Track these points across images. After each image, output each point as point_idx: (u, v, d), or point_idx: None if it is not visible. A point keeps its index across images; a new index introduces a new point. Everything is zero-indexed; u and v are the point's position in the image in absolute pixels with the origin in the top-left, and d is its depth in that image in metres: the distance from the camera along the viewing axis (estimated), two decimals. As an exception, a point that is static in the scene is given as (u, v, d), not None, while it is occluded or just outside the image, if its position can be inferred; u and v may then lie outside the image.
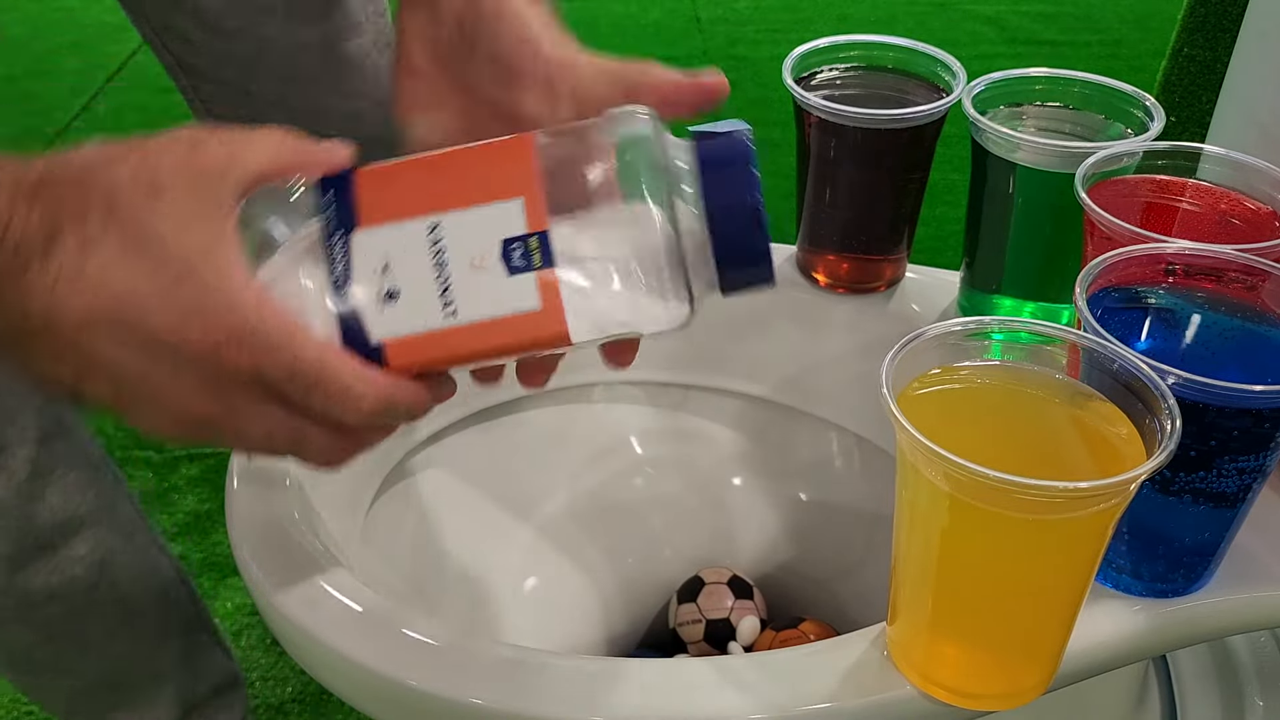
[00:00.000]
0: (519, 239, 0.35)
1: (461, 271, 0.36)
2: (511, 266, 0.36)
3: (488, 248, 0.35)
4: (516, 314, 0.36)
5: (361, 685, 0.45)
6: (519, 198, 0.36)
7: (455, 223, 0.36)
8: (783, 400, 0.70)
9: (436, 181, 0.36)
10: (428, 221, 0.36)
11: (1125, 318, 0.46)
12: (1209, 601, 0.46)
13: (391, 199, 0.36)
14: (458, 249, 0.36)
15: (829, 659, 0.44)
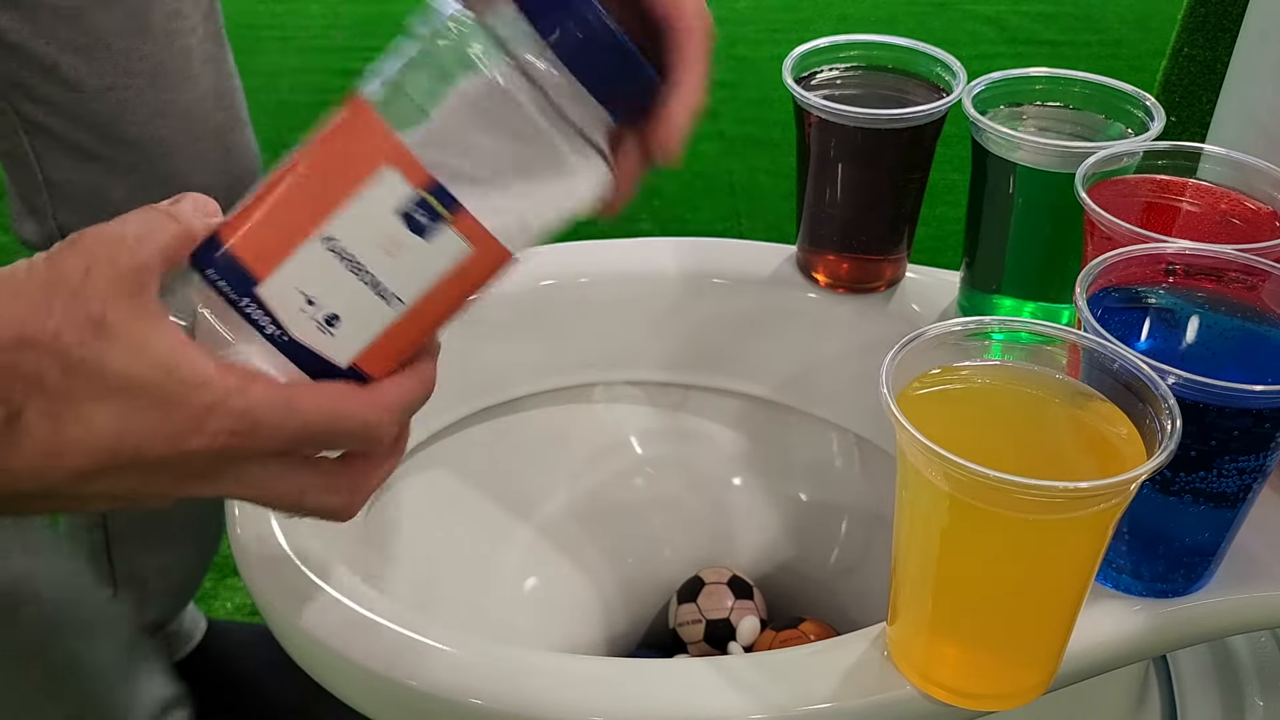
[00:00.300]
0: (414, 204, 0.34)
1: (381, 263, 0.35)
2: (422, 230, 0.35)
3: (390, 228, 0.35)
4: (456, 265, 0.35)
5: (361, 686, 0.45)
6: (389, 166, 0.34)
7: (344, 224, 0.35)
8: (783, 400, 0.70)
9: (300, 198, 0.35)
10: (318, 239, 0.35)
11: (1125, 318, 0.46)
12: (1209, 601, 0.46)
13: (270, 238, 0.35)
14: (363, 246, 0.35)
15: (829, 659, 0.44)
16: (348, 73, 2.10)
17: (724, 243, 0.70)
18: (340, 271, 0.35)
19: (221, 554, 1.15)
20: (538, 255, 0.68)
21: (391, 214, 0.34)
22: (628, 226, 1.65)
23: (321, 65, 2.12)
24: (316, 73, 2.09)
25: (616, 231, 1.93)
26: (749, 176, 1.77)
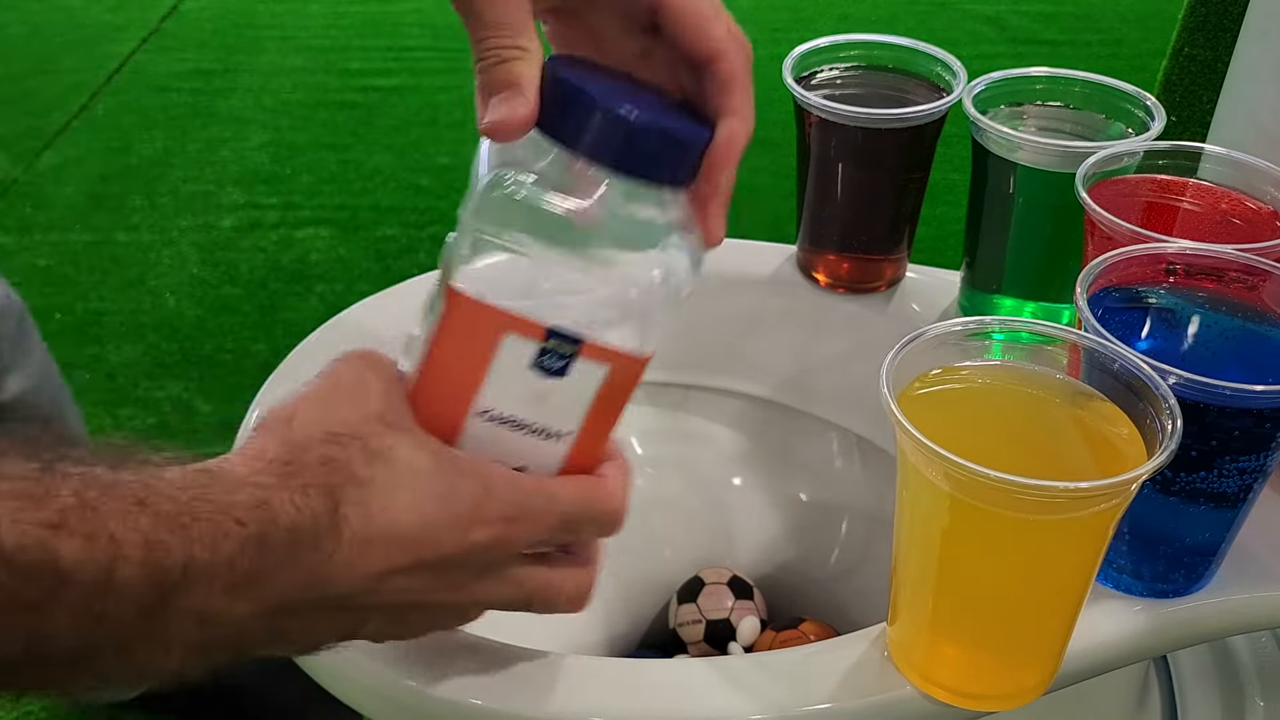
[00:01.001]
0: (541, 355, 0.37)
1: (538, 412, 0.38)
2: (559, 372, 0.37)
3: (532, 383, 0.37)
4: (602, 384, 0.38)
5: (361, 686, 0.45)
6: (505, 334, 0.36)
7: (490, 397, 0.37)
8: (783, 400, 0.70)
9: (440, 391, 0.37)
10: (475, 416, 0.37)
11: (1126, 318, 0.46)
12: (1210, 602, 0.46)
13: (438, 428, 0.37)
14: (516, 406, 0.37)
15: (829, 659, 0.44)
16: (348, 72, 2.10)
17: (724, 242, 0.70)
18: (506, 433, 0.38)
19: (221, 554, 1.14)
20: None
21: (527, 370, 0.37)
22: (627, 226, 1.65)
23: (322, 65, 2.12)
24: (317, 73, 2.09)
25: (616, 231, 1.90)
26: (749, 176, 1.76)
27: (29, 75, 2.06)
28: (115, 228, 1.65)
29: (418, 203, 1.72)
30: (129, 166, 1.79)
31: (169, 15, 2.30)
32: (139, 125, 1.91)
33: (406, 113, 1.95)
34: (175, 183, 1.76)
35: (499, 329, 0.36)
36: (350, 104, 1.98)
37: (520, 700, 0.42)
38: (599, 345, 0.37)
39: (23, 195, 1.72)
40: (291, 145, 1.85)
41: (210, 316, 1.45)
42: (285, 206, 1.70)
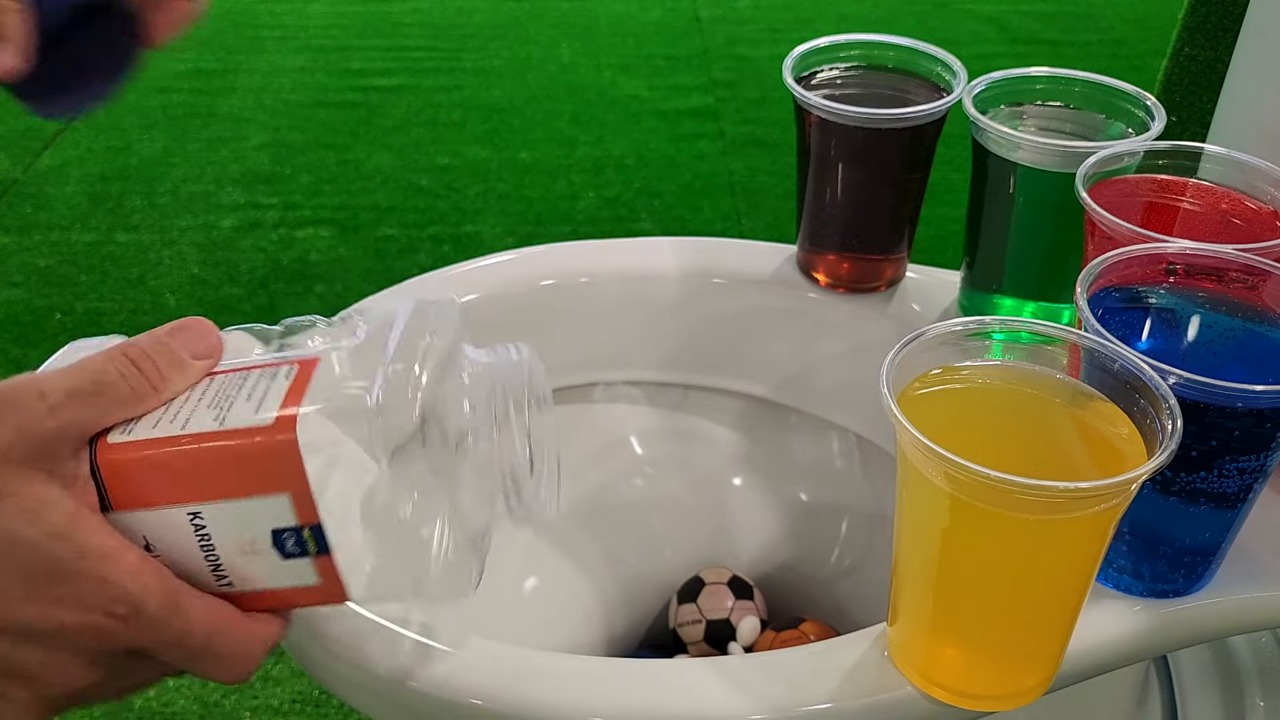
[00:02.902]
0: (290, 530, 0.34)
1: (231, 554, 0.35)
2: (285, 553, 0.35)
3: (257, 535, 0.34)
4: (295, 587, 0.35)
5: (361, 686, 0.45)
6: (284, 493, 0.34)
7: (218, 512, 0.34)
8: (783, 400, 0.70)
9: (194, 473, 0.34)
10: (187, 510, 0.34)
11: (1126, 318, 0.46)
12: (1210, 602, 0.46)
13: (143, 486, 0.34)
14: (224, 536, 0.34)
15: (829, 659, 0.44)
16: (348, 73, 2.10)
17: (724, 243, 0.70)
18: (190, 540, 0.34)
19: (221, 554, 1.15)
20: (538, 256, 0.68)
21: (265, 526, 0.34)
22: (628, 226, 1.66)
23: (322, 65, 2.12)
24: (316, 73, 2.09)
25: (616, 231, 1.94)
26: (749, 176, 1.77)
27: (29, 75, 2.06)
28: (115, 228, 1.65)
29: (417, 203, 1.72)
30: (129, 167, 1.80)
31: (169, 15, 2.29)
32: (139, 125, 1.91)
33: (406, 113, 1.95)
34: (175, 183, 1.76)
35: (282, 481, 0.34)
36: (350, 104, 1.98)
37: (520, 700, 0.42)
38: (333, 565, 0.35)
39: (23, 195, 1.72)
40: (291, 145, 1.85)
41: (210, 316, 1.44)
42: (285, 206, 1.70)
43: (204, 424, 0.34)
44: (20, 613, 0.32)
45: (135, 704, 1.01)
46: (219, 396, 0.35)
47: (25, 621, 0.32)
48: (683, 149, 1.85)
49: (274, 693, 1.01)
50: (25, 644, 0.32)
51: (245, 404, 0.34)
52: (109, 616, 0.32)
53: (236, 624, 0.35)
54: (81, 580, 0.32)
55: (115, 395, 0.34)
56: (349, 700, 0.47)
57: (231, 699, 1.01)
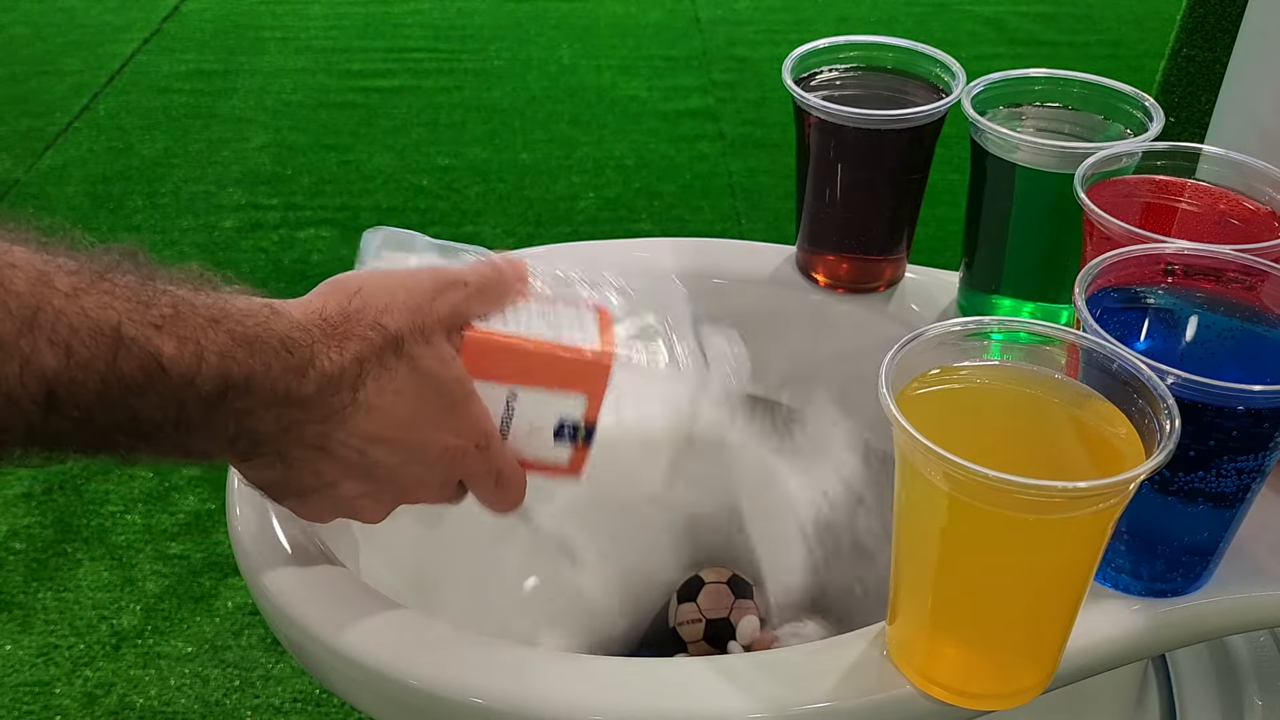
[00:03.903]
0: (573, 422, 0.46)
1: (520, 427, 0.46)
2: (559, 437, 0.46)
3: (547, 418, 0.46)
4: (546, 462, 0.47)
5: (362, 685, 0.45)
6: (584, 395, 0.46)
7: (530, 396, 0.45)
8: (783, 400, 0.70)
9: (530, 365, 0.45)
10: (510, 388, 0.45)
11: (1124, 318, 0.46)
12: (1208, 601, 0.46)
13: (488, 364, 0.44)
14: (524, 413, 0.46)
15: (829, 659, 0.44)
16: (349, 74, 2.10)
17: (724, 243, 0.70)
18: (498, 411, 0.45)
19: (222, 554, 1.15)
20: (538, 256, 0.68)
21: (554, 417, 0.46)
22: (628, 227, 1.66)
23: (323, 66, 2.12)
24: (317, 73, 2.10)
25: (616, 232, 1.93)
26: (749, 177, 1.77)
27: (31, 76, 2.06)
28: (117, 228, 1.65)
29: (418, 203, 1.72)
30: (130, 167, 1.80)
31: (170, 16, 2.30)
32: (140, 126, 1.91)
33: (407, 113, 1.95)
34: (177, 183, 1.76)
35: (586, 386, 0.45)
36: (351, 105, 1.98)
37: (520, 699, 0.42)
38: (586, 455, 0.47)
39: (25, 196, 1.72)
40: (292, 146, 1.85)
41: (211, 317, 1.45)
42: (286, 207, 1.70)
43: (544, 333, 0.45)
44: (427, 434, 0.43)
45: (137, 703, 1.01)
46: (546, 317, 0.46)
47: (425, 441, 0.43)
48: (682, 150, 1.85)
49: (275, 691, 1.01)
50: (415, 462, 0.43)
51: (570, 328, 0.46)
52: (473, 444, 0.44)
53: (520, 471, 0.47)
54: (465, 415, 0.44)
55: (492, 296, 0.45)
56: (349, 699, 0.47)
57: (233, 698, 1.01)
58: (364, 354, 0.41)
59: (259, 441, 0.40)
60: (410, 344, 0.42)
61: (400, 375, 0.42)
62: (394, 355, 0.42)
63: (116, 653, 1.05)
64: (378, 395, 0.41)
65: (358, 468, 0.43)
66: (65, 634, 1.06)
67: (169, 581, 1.12)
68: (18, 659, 1.04)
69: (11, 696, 1.01)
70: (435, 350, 0.43)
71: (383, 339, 0.41)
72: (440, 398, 0.43)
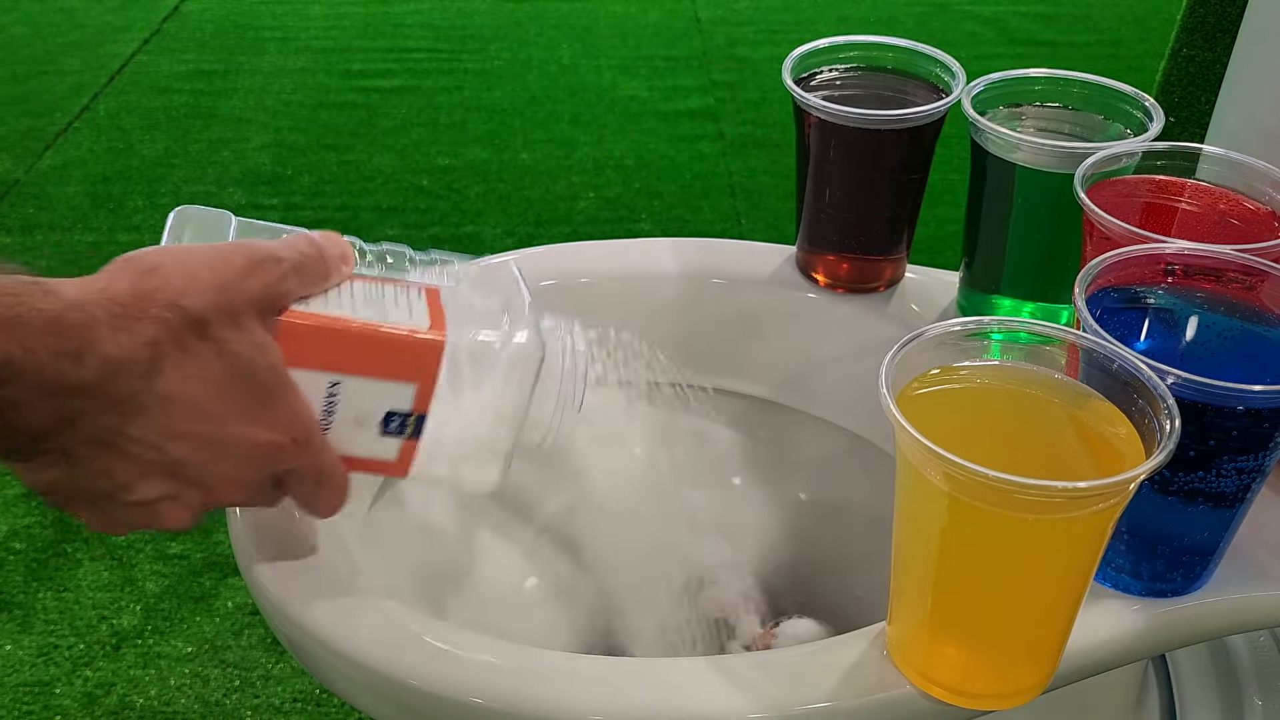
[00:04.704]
0: (401, 413, 0.43)
1: (343, 421, 0.42)
2: (387, 430, 0.43)
3: (373, 411, 0.42)
4: (373, 458, 0.44)
5: (362, 685, 0.45)
6: (413, 384, 0.42)
7: (354, 385, 0.42)
8: (783, 400, 0.70)
9: (353, 350, 0.41)
10: (331, 378, 0.41)
11: (1124, 318, 0.46)
12: (1208, 601, 0.46)
13: (307, 351, 0.41)
14: (348, 405, 0.42)
15: (829, 658, 0.44)
16: (349, 74, 2.10)
17: (724, 243, 0.70)
18: (319, 403, 0.42)
19: (223, 554, 1.15)
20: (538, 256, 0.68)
21: (381, 407, 0.42)
22: (628, 227, 1.66)
23: (323, 66, 2.12)
24: (318, 74, 2.10)
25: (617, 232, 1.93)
26: (749, 177, 1.77)
27: (31, 76, 2.06)
28: (117, 228, 1.65)
29: (419, 203, 1.72)
30: (131, 167, 1.80)
31: (170, 16, 2.30)
32: (141, 126, 1.91)
33: (407, 114, 1.95)
34: (177, 183, 1.76)
35: (417, 375, 0.42)
36: (351, 105, 1.98)
37: (520, 700, 0.43)
38: (414, 451, 0.44)
39: (25, 196, 1.72)
40: (293, 146, 1.85)
41: (211, 317, 1.45)
42: (286, 207, 1.70)
43: (369, 316, 0.42)
44: (234, 428, 0.39)
45: (137, 703, 1.01)
46: (371, 298, 0.43)
47: (235, 435, 0.39)
48: (682, 150, 1.85)
49: (275, 691, 1.01)
50: (223, 459, 0.39)
51: (397, 310, 0.42)
52: (290, 439, 0.40)
53: (343, 468, 0.43)
54: (282, 407, 0.40)
55: (311, 275, 0.41)
56: (350, 699, 0.47)
57: (233, 698, 1.01)
58: (159, 337, 0.37)
59: (35, 437, 0.36)
60: (216, 327, 0.38)
61: (205, 361, 0.38)
62: (197, 339, 0.38)
63: (116, 653, 1.05)
64: (178, 384, 0.37)
65: (156, 466, 0.38)
66: (65, 634, 1.06)
67: (169, 581, 1.12)
68: (18, 659, 1.04)
69: (12, 696, 1.01)
70: (246, 334, 0.39)
71: (182, 321, 0.37)
72: (252, 386, 0.39)
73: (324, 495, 0.43)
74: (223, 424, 0.39)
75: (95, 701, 1.00)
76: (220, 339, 0.38)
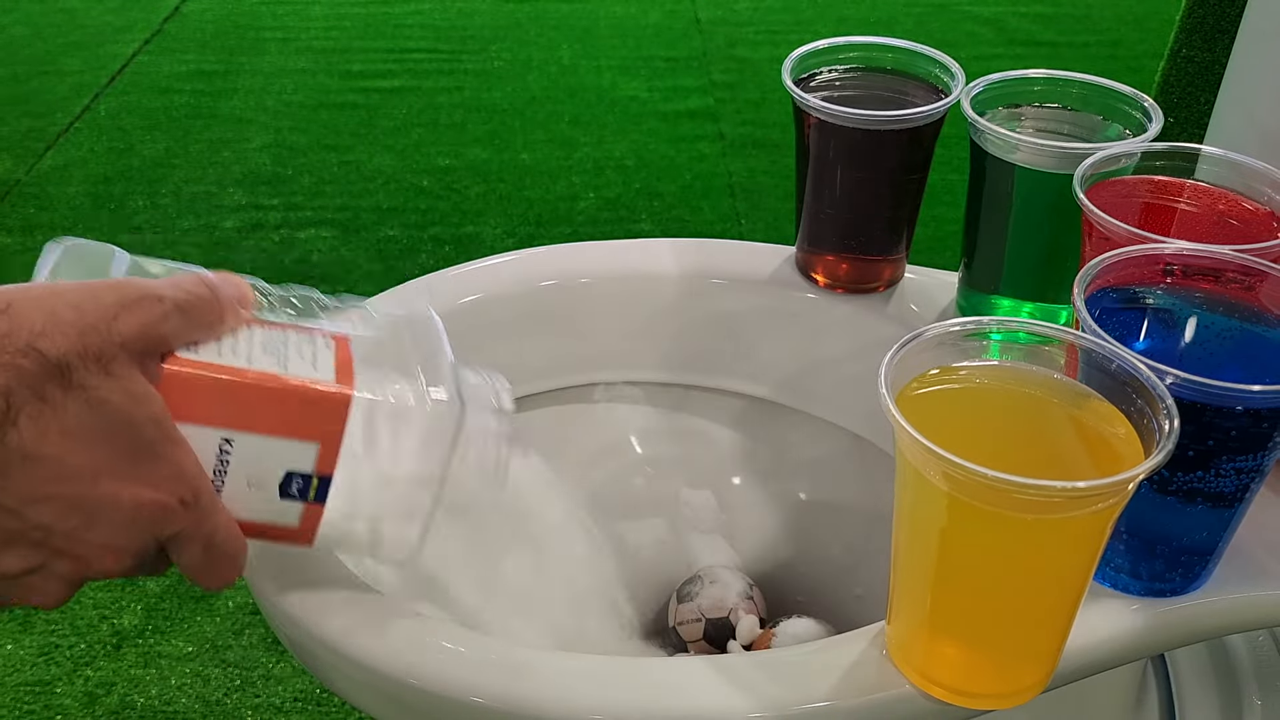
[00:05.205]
0: (302, 475, 0.39)
1: (236, 481, 0.38)
2: (285, 493, 0.39)
3: (271, 471, 0.38)
4: (272, 524, 0.40)
5: (362, 684, 0.45)
6: (315, 442, 0.38)
7: (248, 443, 0.38)
8: (783, 400, 0.70)
9: (247, 404, 0.37)
10: (223, 434, 0.37)
11: (1123, 318, 0.46)
12: (1207, 601, 0.46)
13: (195, 403, 0.37)
14: (241, 464, 0.38)
15: (828, 658, 0.44)
16: (349, 74, 2.10)
17: (724, 243, 0.71)
18: (208, 461, 0.38)
19: (222, 554, 1.15)
20: (539, 256, 0.69)
21: (280, 468, 0.38)
22: (628, 227, 1.66)
23: (323, 67, 2.13)
24: (318, 74, 2.10)
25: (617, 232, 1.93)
26: (749, 177, 1.77)
27: (31, 76, 2.06)
28: (118, 229, 1.65)
29: (419, 204, 1.72)
30: (131, 168, 1.80)
31: (171, 17, 2.30)
32: (141, 126, 1.91)
33: (407, 114, 1.95)
34: (177, 184, 1.76)
35: (320, 435, 0.38)
36: (351, 105, 1.98)
37: (521, 699, 0.43)
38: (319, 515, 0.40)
39: (26, 196, 1.72)
40: (293, 146, 1.85)
41: (212, 317, 1.46)
42: (287, 208, 1.70)
43: (267, 366, 0.38)
44: (112, 487, 0.35)
45: (138, 703, 1.01)
46: (270, 346, 0.39)
47: (110, 497, 0.35)
48: (682, 150, 1.85)
49: (275, 691, 1.02)
50: (98, 524, 0.35)
51: (300, 360, 0.39)
52: (177, 500, 0.36)
53: (239, 534, 0.39)
54: (166, 464, 0.36)
55: (200, 317, 0.37)
56: (350, 698, 0.47)
57: (234, 697, 1.01)
58: (10, 386, 0.32)
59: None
60: (81, 373, 0.34)
61: (70, 413, 0.33)
62: (59, 388, 0.33)
63: (117, 652, 1.05)
64: (37, 440, 0.33)
65: (18, 535, 0.34)
66: (66, 633, 1.06)
67: (170, 581, 1.12)
68: (18, 658, 1.04)
69: (12, 696, 1.01)
70: (119, 382, 0.34)
71: (40, 367, 0.33)
72: (129, 440, 0.35)
73: (216, 564, 0.38)
74: (94, 484, 0.34)
75: (96, 701, 1.01)
76: (87, 386, 0.34)
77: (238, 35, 2.24)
